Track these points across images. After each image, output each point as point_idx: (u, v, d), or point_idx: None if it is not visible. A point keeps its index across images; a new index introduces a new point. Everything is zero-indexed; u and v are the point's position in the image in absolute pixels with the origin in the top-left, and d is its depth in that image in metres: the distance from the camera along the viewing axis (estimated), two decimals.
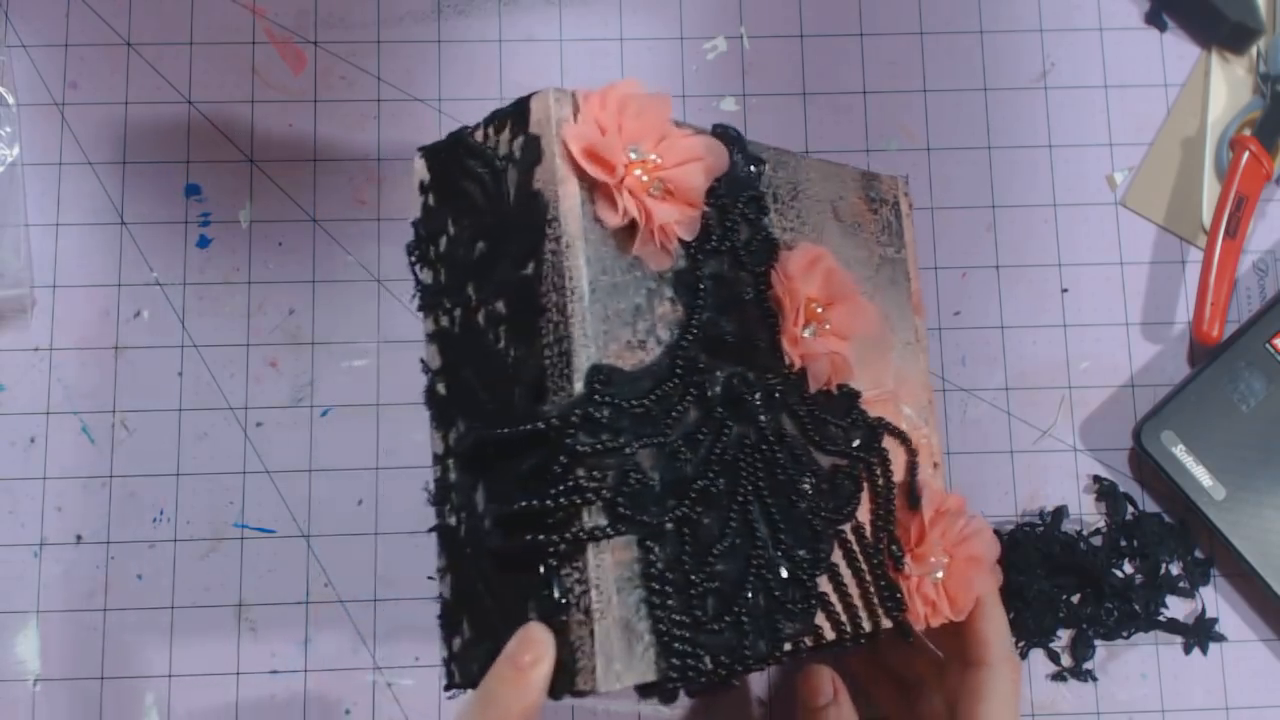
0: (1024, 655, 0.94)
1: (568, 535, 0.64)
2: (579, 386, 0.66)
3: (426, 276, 0.73)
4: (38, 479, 0.94)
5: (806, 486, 0.75)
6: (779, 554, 0.72)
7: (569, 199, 0.67)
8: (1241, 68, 1.01)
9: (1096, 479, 0.97)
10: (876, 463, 0.80)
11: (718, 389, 0.72)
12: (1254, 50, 1.01)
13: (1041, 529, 0.95)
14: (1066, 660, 0.94)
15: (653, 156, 0.69)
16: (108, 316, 0.96)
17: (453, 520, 0.70)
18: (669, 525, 0.68)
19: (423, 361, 0.72)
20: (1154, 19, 1.02)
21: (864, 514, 0.78)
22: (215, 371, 0.96)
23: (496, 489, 0.68)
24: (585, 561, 0.64)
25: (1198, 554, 0.96)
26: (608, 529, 0.64)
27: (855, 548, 0.77)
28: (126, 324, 0.96)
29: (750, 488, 0.72)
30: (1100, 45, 1.02)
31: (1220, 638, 0.95)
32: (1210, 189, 1.00)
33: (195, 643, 0.93)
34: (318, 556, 0.93)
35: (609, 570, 0.64)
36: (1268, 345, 0.94)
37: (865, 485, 0.79)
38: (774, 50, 1.02)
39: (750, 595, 0.70)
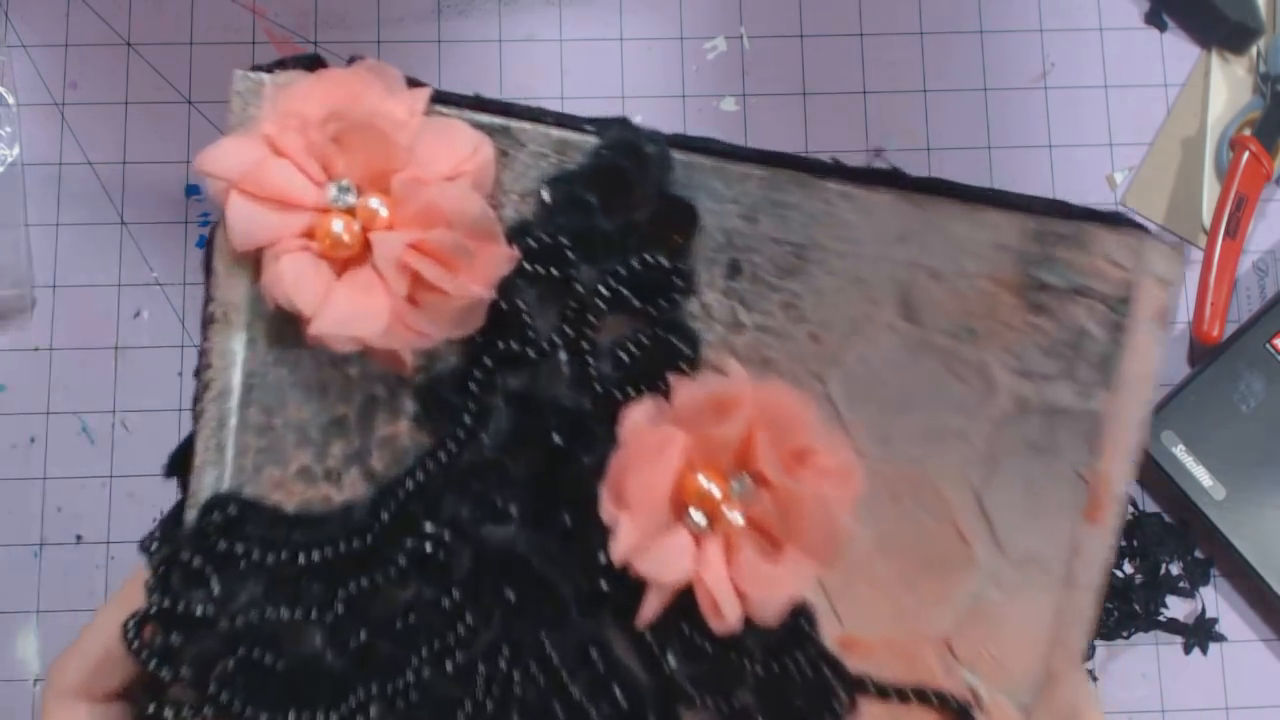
0: None
1: (153, 706, 0.51)
2: (190, 519, 0.51)
3: None
4: (38, 479, 0.93)
5: None
6: None
7: (225, 251, 0.50)
8: (1241, 68, 1.00)
9: None
10: None
11: (448, 562, 0.51)
12: (1254, 50, 0.99)
13: None
14: None
15: (374, 204, 0.48)
16: (108, 316, 0.94)
17: None
18: None
19: None
20: (1154, 19, 1.01)
21: None
22: None
23: None
24: None
25: (1198, 554, 0.94)
26: (188, 711, 0.50)
27: None
28: (126, 324, 0.94)
29: None
30: (1100, 45, 1.01)
31: (1220, 638, 0.93)
32: (1210, 189, 0.98)
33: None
34: None
35: None
36: (1268, 345, 0.93)
37: None
38: (774, 50, 1.00)
39: None
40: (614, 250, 0.51)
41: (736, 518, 0.48)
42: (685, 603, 0.48)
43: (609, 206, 0.51)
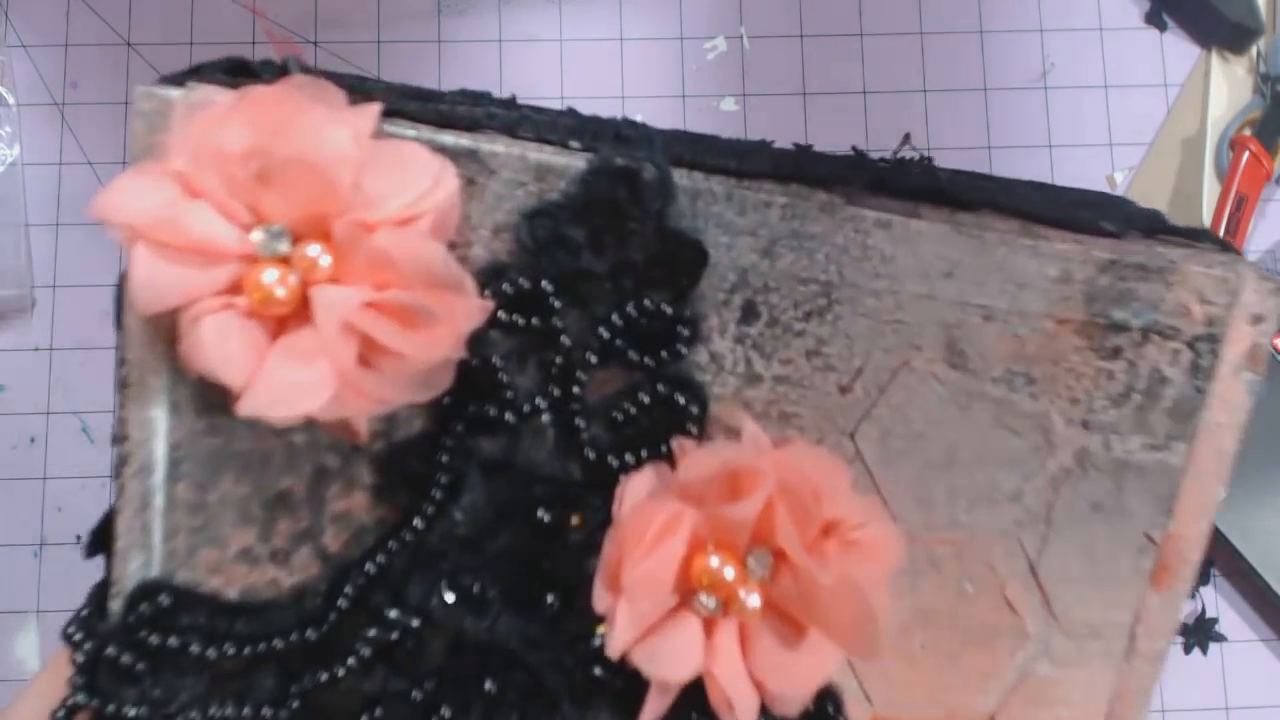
0: None
1: None
2: (115, 609, 0.42)
3: None
4: (38, 479, 0.86)
5: None
6: None
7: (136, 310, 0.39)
8: (1241, 68, 0.92)
9: None
10: None
11: (417, 651, 0.41)
12: (1254, 50, 0.92)
13: None
14: None
15: (312, 253, 0.36)
16: (108, 316, 0.85)
17: None
18: None
19: None
20: (1154, 19, 0.93)
21: None
22: None
23: None
24: None
25: None
26: None
27: None
28: None
29: None
30: (1100, 45, 0.94)
31: (1220, 638, 0.87)
32: (1210, 189, 0.91)
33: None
34: None
35: None
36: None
37: None
38: (774, 50, 0.93)
39: None
40: (605, 295, 0.40)
41: (754, 600, 0.38)
42: (692, 687, 0.38)
43: (599, 244, 0.40)
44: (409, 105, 0.40)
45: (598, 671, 0.40)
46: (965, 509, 0.43)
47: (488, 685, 0.40)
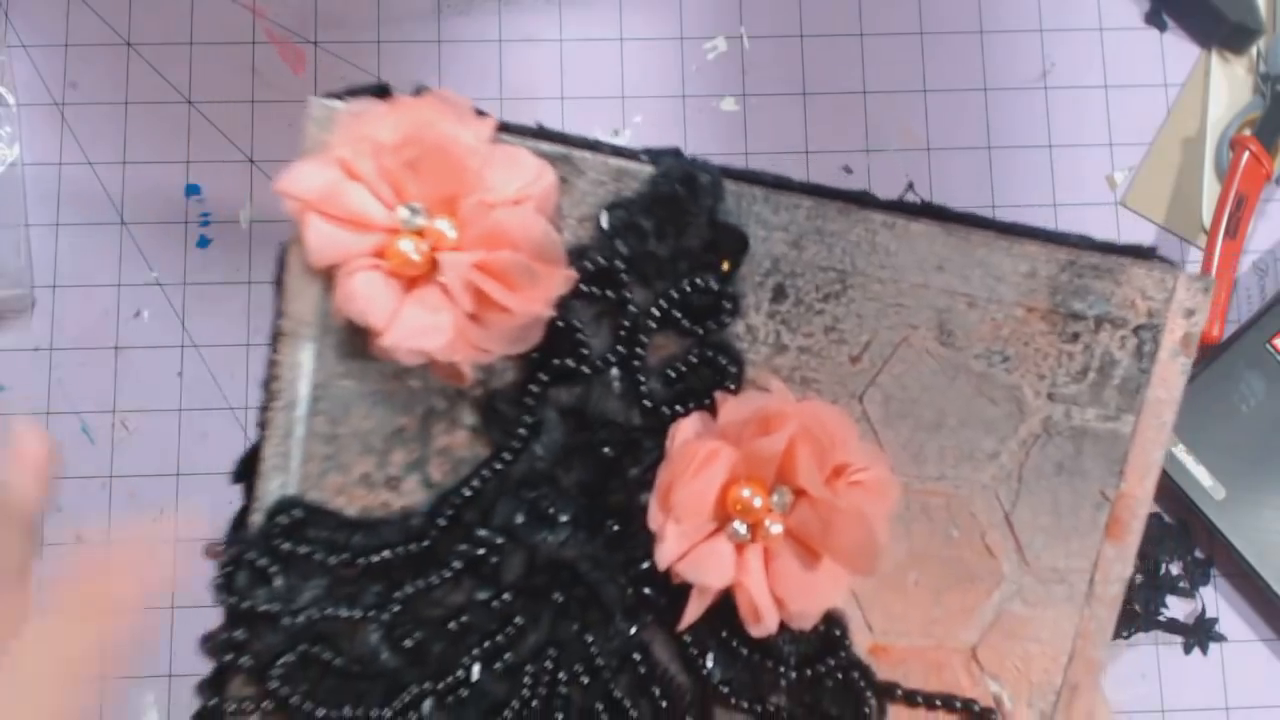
0: None
1: (214, 700, 0.53)
2: (257, 521, 0.53)
3: None
4: None
5: None
6: None
7: (296, 268, 0.52)
8: (1241, 68, 0.98)
9: None
10: None
11: (500, 565, 0.53)
12: (1254, 50, 0.98)
13: None
14: None
15: (442, 226, 0.49)
16: (108, 316, 0.93)
17: None
18: None
19: None
20: (1154, 19, 0.99)
21: None
22: (215, 371, 0.93)
23: None
24: None
25: (1198, 554, 0.92)
26: (248, 703, 0.52)
27: None
28: (126, 324, 0.93)
29: None
30: (1100, 45, 0.99)
31: (1220, 638, 0.92)
32: (1210, 189, 0.96)
33: (195, 643, 0.88)
34: None
35: None
36: (1268, 345, 0.91)
37: None
38: (774, 50, 0.98)
39: None
40: (666, 274, 0.53)
41: (777, 528, 0.50)
42: (724, 611, 0.50)
43: (663, 232, 0.53)
44: (515, 125, 0.53)
45: (647, 591, 0.53)
46: (952, 465, 0.55)
47: (556, 597, 0.53)
